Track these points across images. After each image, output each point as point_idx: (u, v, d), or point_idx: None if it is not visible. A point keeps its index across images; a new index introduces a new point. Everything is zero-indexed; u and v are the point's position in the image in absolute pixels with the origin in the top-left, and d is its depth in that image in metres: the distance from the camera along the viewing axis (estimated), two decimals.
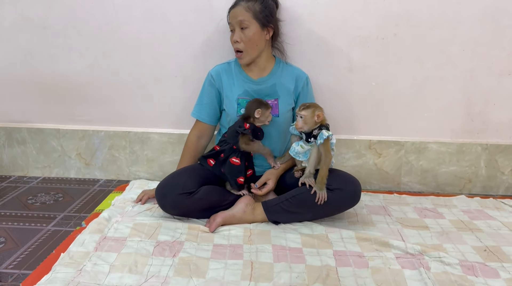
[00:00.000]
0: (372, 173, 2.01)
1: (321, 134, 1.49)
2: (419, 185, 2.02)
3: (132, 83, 1.98)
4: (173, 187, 1.51)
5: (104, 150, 2.06)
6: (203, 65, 1.88)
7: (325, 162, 1.49)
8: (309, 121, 1.50)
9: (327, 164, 1.49)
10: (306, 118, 1.50)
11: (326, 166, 1.49)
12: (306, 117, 1.50)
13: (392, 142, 1.98)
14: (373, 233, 1.51)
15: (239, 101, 1.66)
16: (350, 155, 2.00)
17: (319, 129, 1.51)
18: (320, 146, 1.49)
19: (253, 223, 1.56)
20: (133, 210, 1.64)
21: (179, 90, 1.96)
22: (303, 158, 1.58)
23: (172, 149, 2.03)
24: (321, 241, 1.45)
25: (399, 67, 1.90)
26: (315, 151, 1.53)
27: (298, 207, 1.54)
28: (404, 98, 1.94)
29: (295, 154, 1.58)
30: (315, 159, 1.53)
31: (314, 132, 1.51)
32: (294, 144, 1.59)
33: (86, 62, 1.96)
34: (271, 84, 1.68)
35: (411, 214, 1.71)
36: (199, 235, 1.47)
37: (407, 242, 1.45)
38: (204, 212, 1.58)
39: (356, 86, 1.92)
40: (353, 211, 1.69)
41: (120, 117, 2.04)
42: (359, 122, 1.98)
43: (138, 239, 1.42)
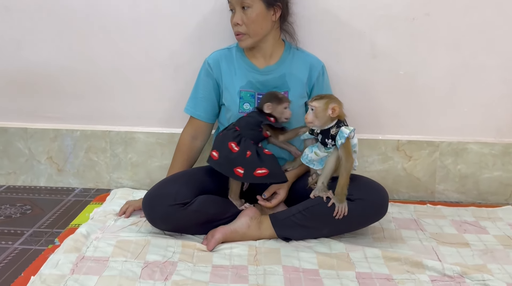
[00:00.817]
0: (400, 179, 2.01)
1: (341, 133, 1.46)
2: (457, 194, 2.02)
3: (113, 73, 1.98)
4: (163, 197, 1.51)
5: (80, 153, 2.07)
6: (198, 51, 1.88)
7: (345, 167, 1.47)
8: (321, 115, 1.49)
9: (348, 170, 1.47)
10: (317, 110, 1.49)
11: (347, 173, 1.48)
12: (317, 110, 1.49)
13: (425, 142, 1.98)
14: (403, 252, 1.51)
15: (242, 94, 1.67)
16: (374, 159, 2.00)
17: (337, 127, 1.49)
18: (341, 148, 1.48)
19: (259, 240, 1.56)
20: (116, 225, 1.64)
21: (169, 81, 1.97)
22: (318, 167, 1.57)
23: (161, 151, 2.04)
24: (341, 261, 1.44)
25: (432, 53, 1.89)
26: (333, 158, 1.51)
27: (313, 221, 1.54)
28: (438, 90, 1.94)
29: (308, 161, 1.58)
30: (331, 168, 1.52)
31: (332, 131, 1.49)
32: (306, 149, 1.58)
33: (58, 49, 1.97)
34: (280, 74, 1.68)
35: (448, 228, 1.71)
36: (195, 254, 1.47)
37: (444, 262, 1.45)
38: (201, 227, 1.58)
39: (380, 76, 1.92)
40: (378, 225, 1.69)
41: (99, 114, 2.05)
42: (384, 118, 1.98)
43: (122, 259, 1.42)
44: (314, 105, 1.49)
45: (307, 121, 1.52)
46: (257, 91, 1.67)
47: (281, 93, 1.62)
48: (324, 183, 1.53)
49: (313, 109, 1.50)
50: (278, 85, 1.68)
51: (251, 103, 1.67)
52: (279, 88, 1.67)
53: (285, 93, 1.67)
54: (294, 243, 1.55)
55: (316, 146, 1.57)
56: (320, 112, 1.49)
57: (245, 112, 1.66)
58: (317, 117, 1.49)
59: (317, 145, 1.57)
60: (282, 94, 1.62)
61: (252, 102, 1.67)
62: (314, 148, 1.57)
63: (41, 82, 2.01)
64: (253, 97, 1.67)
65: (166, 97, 1.99)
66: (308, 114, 1.51)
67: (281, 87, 1.68)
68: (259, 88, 1.67)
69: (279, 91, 1.66)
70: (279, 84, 1.68)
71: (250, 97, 1.67)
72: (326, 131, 1.51)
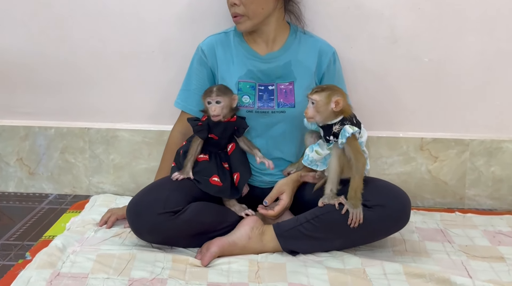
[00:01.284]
0: (425, 183, 2.01)
1: (343, 131, 1.47)
2: (490, 200, 2.01)
3: (93, 62, 1.98)
4: (151, 204, 1.51)
5: (54, 154, 2.07)
6: (190, 37, 1.88)
7: (357, 168, 1.48)
8: (322, 109, 1.49)
9: (360, 171, 1.48)
10: (318, 104, 1.49)
11: (359, 175, 1.48)
12: (318, 104, 1.49)
13: (453, 140, 1.97)
14: (428, 267, 1.50)
15: (240, 85, 1.66)
16: (394, 160, 2.00)
17: (340, 124, 1.50)
18: (347, 148, 1.48)
19: (261, 254, 1.55)
20: (96, 237, 1.64)
21: (158, 71, 1.96)
22: (323, 167, 1.57)
23: (148, 152, 2.03)
24: (356, 278, 1.44)
25: (461, 37, 1.89)
26: (335, 160, 1.51)
27: (324, 231, 1.53)
28: (468, 80, 1.93)
29: (309, 163, 1.58)
30: (336, 170, 1.52)
31: (334, 128, 1.50)
32: (307, 150, 1.59)
33: (31, 35, 1.97)
34: (284, 62, 1.67)
35: (479, 240, 1.70)
36: (187, 270, 1.47)
37: (476, 278, 1.44)
38: (194, 238, 1.57)
39: (401, 64, 1.92)
40: (399, 237, 1.68)
41: (77, 109, 2.05)
42: (406, 113, 1.97)
43: (104, 276, 1.42)
44: (314, 98, 1.49)
45: (307, 117, 1.52)
46: (258, 82, 1.67)
47: (219, 86, 1.62)
48: (333, 190, 1.53)
49: (313, 103, 1.50)
50: (282, 75, 1.67)
51: (251, 96, 1.66)
52: (284, 78, 1.67)
53: (290, 84, 1.66)
54: (301, 257, 1.55)
55: (317, 144, 1.58)
56: (321, 106, 1.49)
57: (244, 106, 1.65)
58: (318, 112, 1.50)
59: (318, 143, 1.58)
60: (220, 86, 1.62)
61: (253, 94, 1.66)
62: (315, 147, 1.57)
63: (10, 72, 2.01)
64: (253, 89, 1.66)
65: (154, 89, 1.98)
66: (308, 109, 1.51)
67: (285, 76, 1.67)
68: (260, 79, 1.67)
69: (283, 81, 1.66)
70: (284, 74, 1.67)
71: (250, 88, 1.66)
72: (328, 127, 1.52)
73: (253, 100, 1.66)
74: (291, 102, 1.66)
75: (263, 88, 1.66)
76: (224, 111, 1.59)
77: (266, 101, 1.66)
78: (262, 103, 1.66)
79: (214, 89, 1.59)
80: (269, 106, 1.66)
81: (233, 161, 1.64)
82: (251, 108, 1.66)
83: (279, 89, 1.66)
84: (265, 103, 1.66)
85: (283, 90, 1.66)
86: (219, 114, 1.58)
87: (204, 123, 1.62)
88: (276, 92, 1.66)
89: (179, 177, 1.60)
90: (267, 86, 1.67)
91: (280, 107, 1.66)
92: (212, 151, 1.64)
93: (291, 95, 1.66)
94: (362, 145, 1.53)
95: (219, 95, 1.58)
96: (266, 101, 1.66)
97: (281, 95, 1.66)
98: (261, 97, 1.66)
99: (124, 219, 1.67)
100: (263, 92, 1.66)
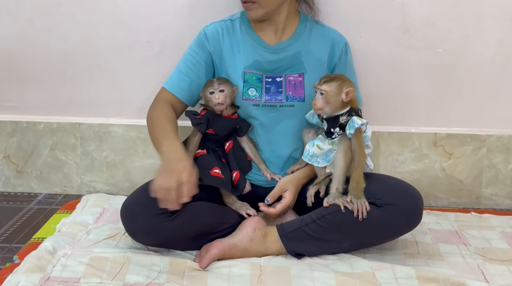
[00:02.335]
0: (439, 182, 2.01)
1: (352, 122, 1.49)
2: (508, 200, 2.01)
3: (84, 54, 1.98)
4: (147, 204, 1.50)
5: (44, 151, 2.07)
6: (188, 25, 1.88)
7: (359, 162, 1.50)
8: (332, 100, 1.51)
9: (362, 164, 1.50)
10: (328, 95, 1.50)
11: (361, 167, 1.51)
12: (328, 94, 1.50)
13: (468, 136, 1.98)
14: (442, 271, 1.50)
15: (246, 76, 1.66)
16: (406, 156, 2.00)
17: (348, 115, 1.51)
18: (353, 140, 1.50)
19: (264, 257, 1.56)
20: (89, 239, 1.64)
21: (153, 62, 1.97)
22: (324, 163, 1.58)
23: (143, 148, 2.04)
24: (365, 283, 1.44)
25: (478, 26, 1.89)
26: (341, 156, 1.52)
27: (331, 232, 1.54)
28: (486, 72, 1.93)
29: (310, 158, 1.59)
30: (342, 168, 1.52)
31: (341, 119, 1.51)
32: (307, 145, 1.59)
33: (18, 24, 1.97)
34: (294, 52, 1.68)
35: (497, 242, 1.70)
36: (185, 274, 1.47)
37: (493, 283, 1.44)
38: (192, 241, 1.58)
39: (414, 54, 1.92)
40: (411, 238, 1.69)
41: (68, 103, 2.05)
42: (419, 107, 1.98)
43: (97, 280, 1.42)
44: (324, 89, 1.50)
45: (315, 108, 1.53)
46: (265, 74, 1.67)
47: (220, 77, 1.64)
48: (338, 189, 1.53)
49: (322, 94, 1.51)
50: (291, 66, 1.67)
51: (257, 88, 1.66)
52: (293, 70, 1.67)
53: (299, 75, 1.67)
54: (307, 260, 1.55)
55: (318, 139, 1.59)
56: (332, 97, 1.51)
57: (250, 99, 1.65)
58: (328, 103, 1.51)
59: (319, 137, 1.59)
60: (220, 78, 1.63)
61: (259, 87, 1.66)
62: (316, 141, 1.58)
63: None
64: (260, 81, 1.66)
65: (149, 82, 1.98)
66: (317, 100, 1.52)
67: (295, 68, 1.67)
68: (267, 70, 1.66)
69: (292, 73, 1.66)
70: (293, 65, 1.67)
71: (256, 81, 1.66)
72: (334, 118, 1.53)
73: (260, 93, 1.66)
74: (300, 95, 1.66)
75: (270, 80, 1.66)
76: (227, 101, 1.61)
77: (274, 94, 1.66)
78: (270, 96, 1.66)
79: (214, 79, 1.62)
80: (277, 100, 1.66)
81: (231, 159, 1.65)
82: (258, 101, 1.66)
83: (287, 81, 1.66)
84: (272, 96, 1.66)
85: (292, 82, 1.66)
86: (223, 102, 1.60)
87: (203, 117, 1.62)
88: (284, 84, 1.66)
89: None
90: (274, 78, 1.67)
91: (288, 101, 1.66)
92: (210, 147, 1.65)
93: (301, 88, 1.66)
94: (367, 139, 1.55)
95: (221, 84, 1.61)
96: (274, 94, 1.66)
97: (289, 87, 1.66)
98: (268, 89, 1.66)
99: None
100: (270, 85, 1.66)
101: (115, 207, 1.86)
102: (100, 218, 1.81)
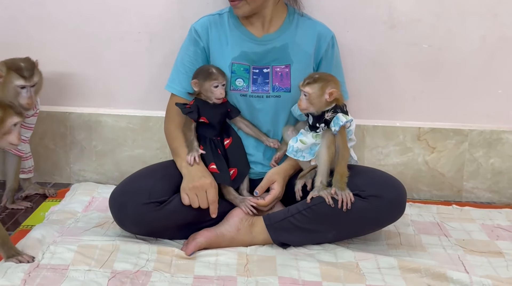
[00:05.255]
0: (421, 175, 2.02)
1: (336, 119, 1.50)
2: (489, 193, 2.03)
3: (74, 43, 1.97)
4: (135, 194, 1.51)
5: (33, 140, 2.05)
6: (178, 17, 1.87)
7: (343, 156, 1.52)
8: (316, 101, 1.52)
9: (345, 158, 1.52)
10: (311, 96, 1.52)
11: (345, 161, 1.52)
12: (311, 96, 1.52)
13: (451, 130, 1.99)
14: (423, 261, 1.51)
15: (234, 67, 1.66)
16: (390, 150, 2.01)
17: (333, 112, 1.52)
18: (337, 136, 1.51)
19: (251, 246, 1.57)
20: (78, 227, 1.64)
21: (144, 53, 1.96)
22: (309, 157, 1.59)
23: (133, 138, 2.03)
24: (349, 272, 1.45)
25: (462, 22, 1.89)
26: (324, 150, 1.53)
27: (316, 223, 1.54)
28: (469, 67, 1.94)
29: (295, 153, 1.59)
30: (326, 161, 1.54)
31: (327, 116, 1.52)
32: (290, 141, 1.60)
33: (8, 13, 1.95)
34: (281, 44, 1.67)
35: (477, 234, 1.72)
36: (173, 262, 1.47)
37: (473, 274, 1.45)
38: (180, 230, 1.58)
39: (400, 50, 1.92)
40: (394, 230, 1.70)
41: (57, 92, 2.03)
42: (403, 101, 1.98)
43: (85, 268, 1.42)
44: (307, 91, 1.52)
45: (300, 109, 1.55)
46: (252, 65, 1.66)
47: (216, 67, 1.63)
48: (323, 182, 1.54)
49: (306, 95, 1.52)
50: (278, 57, 1.67)
51: (244, 79, 1.66)
52: (280, 61, 1.67)
53: (286, 67, 1.67)
54: (292, 250, 1.56)
55: (300, 134, 1.59)
56: (315, 98, 1.52)
57: (237, 90, 1.65)
58: (312, 103, 1.53)
59: (301, 132, 1.59)
60: (217, 68, 1.63)
61: (247, 77, 1.66)
62: (299, 136, 1.59)
63: None
64: (247, 72, 1.66)
65: (140, 73, 1.98)
66: (301, 101, 1.54)
67: (282, 59, 1.67)
68: (255, 61, 1.66)
69: (279, 64, 1.66)
70: (280, 56, 1.67)
71: (244, 71, 1.66)
72: (319, 115, 1.54)
73: (247, 84, 1.66)
74: (286, 86, 1.66)
75: (257, 71, 1.66)
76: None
77: (260, 84, 1.66)
78: (257, 87, 1.66)
79: (216, 72, 1.60)
80: (264, 90, 1.66)
81: (230, 156, 1.65)
82: (245, 91, 1.66)
83: (274, 72, 1.66)
84: (259, 86, 1.66)
85: (279, 73, 1.66)
86: (224, 96, 1.61)
87: (193, 105, 1.62)
88: (271, 75, 1.66)
89: (193, 157, 1.58)
90: (262, 69, 1.66)
91: (275, 91, 1.66)
92: (206, 137, 1.64)
93: (287, 79, 1.66)
94: (351, 133, 1.56)
95: (224, 78, 1.61)
96: (261, 85, 1.66)
97: (276, 78, 1.66)
98: (255, 80, 1.66)
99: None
100: (257, 75, 1.66)
101: (103, 196, 1.85)
102: (89, 206, 1.81)
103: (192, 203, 1.54)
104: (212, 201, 1.55)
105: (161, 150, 2.02)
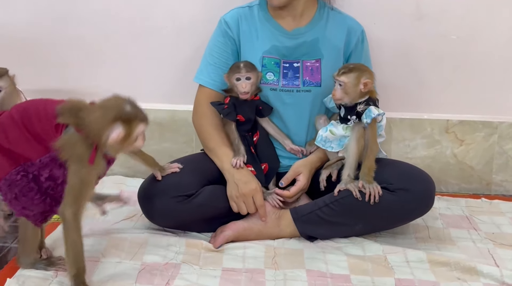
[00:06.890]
0: (450, 168, 2.01)
1: (368, 111, 1.50)
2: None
3: (99, 39, 1.98)
4: (163, 187, 1.52)
5: None
6: (204, 10, 1.88)
7: (372, 150, 1.51)
8: (351, 91, 1.52)
9: (374, 152, 1.52)
10: (347, 86, 1.51)
11: (373, 155, 1.52)
12: (347, 85, 1.51)
13: (480, 123, 1.97)
14: (453, 255, 1.51)
15: (265, 61, 1.66)
16: (417, 142, 1.99)
17: (365, 104, 1.52)
18: (368, 129, 1.51)
19: (278, 239, 1.57)
20: (107, 220, 1.66)
21: (171, 47, 1.97)
22: (337, 148, 1.58)
23: (159, 132, 2.05)
24: (377, 266, 1.45)
25: (492, 12, 1.87)
26: (354, 143, 1.53)
27: (343, 216, 1.54)
28: (498, 59, 1.92)
29: (323, 143, 1.59)
30: (355, 154, 1.53)
31: (359, 108, 1.52)
32: (320, 130, 1.60)
33: (36, 9, 1.97)
34: (311, 39, 1.67)
35: (507, 227, 1.70)
36: (201, 255, 1.49)
37: (503, 268, 1.44)
38: (207, 223, 1.59)
39: (427, 42, 1.91)
40: (422, 223, 1.69)
41: (83, 88, 2.03)
42: (431, 94, 1.97)
43: (116, 260, 1.44)
44: (343, 80, 1.51)
45: (335, 99, 1.54)
46: (283, 59, 1.66)
47: (247, 62, 1.61)
48: (350, 175, 1.54)
49: (341, 85, 1.51)
50: (308, 52, 1.67)
51: (275, 73, 1.65)
52: (310, 55, 1.66)
53: (316, 61, 1.66)
54: (320, 243, 1.56)
55: (331, 124, 1.59)
56: (350, 88, 1.51)
57: (268, 83, 1.65)
58: (346, 93, 1.52)
59: (332, 123, 1.59)
60: (248, 63, 1.61)
61: (277, 71, 1.65)
62: (329, 127, 1.59)
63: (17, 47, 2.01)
64: (278, 66, 1.66)
65: (166, 67, 1.99)
66: (336, 91, 1.53)
67: (312, 53, 1.67)
68: (285, 55, 1.66)
69: (309, 58, 1.66)
70: (310, 51, 1.67)
71: (274, 65, 1.66)
72: (352, 106, 1.54)
73: (278, 78, 1.66)
74: (317, 81, 1.66)
75: (287, 65, 1.65)
76: (252, 89, 1.60)
77: (291, 79, 1.66)
78: (287, 81, 1.66)
79: (241, 65, 1.59)
80: (294, 84, 1.65)
81: (260, 151, 1.65)
82: (275, 85, 1.65)
83: (304, 67, 1.66)
84: (290, 81, 1.66)
85: (309, 67, 1.65)
86: (249, 91, 1.58)
87: (230, 104, 1.61)
88: (301, 69, 1.66)
89: (240, 161, 1.57)
90: (292, 63, 1.66)
91: (305, 86, 1.65)
92: (240, 134, 1.63)
93: (318, 73, 1.66)
94: (381, 129, 1.56)
95: (249, 71, 1.58)
96: (291, 79, 1.66)
97: (306, 73, 1.66)
98: (285, 74, 1.66)
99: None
100: (287, 70, 1.66)
101: (132, 189, 1.87)
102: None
103: (240, 211, 1.56)
104: (260, 205, 1.56)
105: (188, 144, 2.03)
